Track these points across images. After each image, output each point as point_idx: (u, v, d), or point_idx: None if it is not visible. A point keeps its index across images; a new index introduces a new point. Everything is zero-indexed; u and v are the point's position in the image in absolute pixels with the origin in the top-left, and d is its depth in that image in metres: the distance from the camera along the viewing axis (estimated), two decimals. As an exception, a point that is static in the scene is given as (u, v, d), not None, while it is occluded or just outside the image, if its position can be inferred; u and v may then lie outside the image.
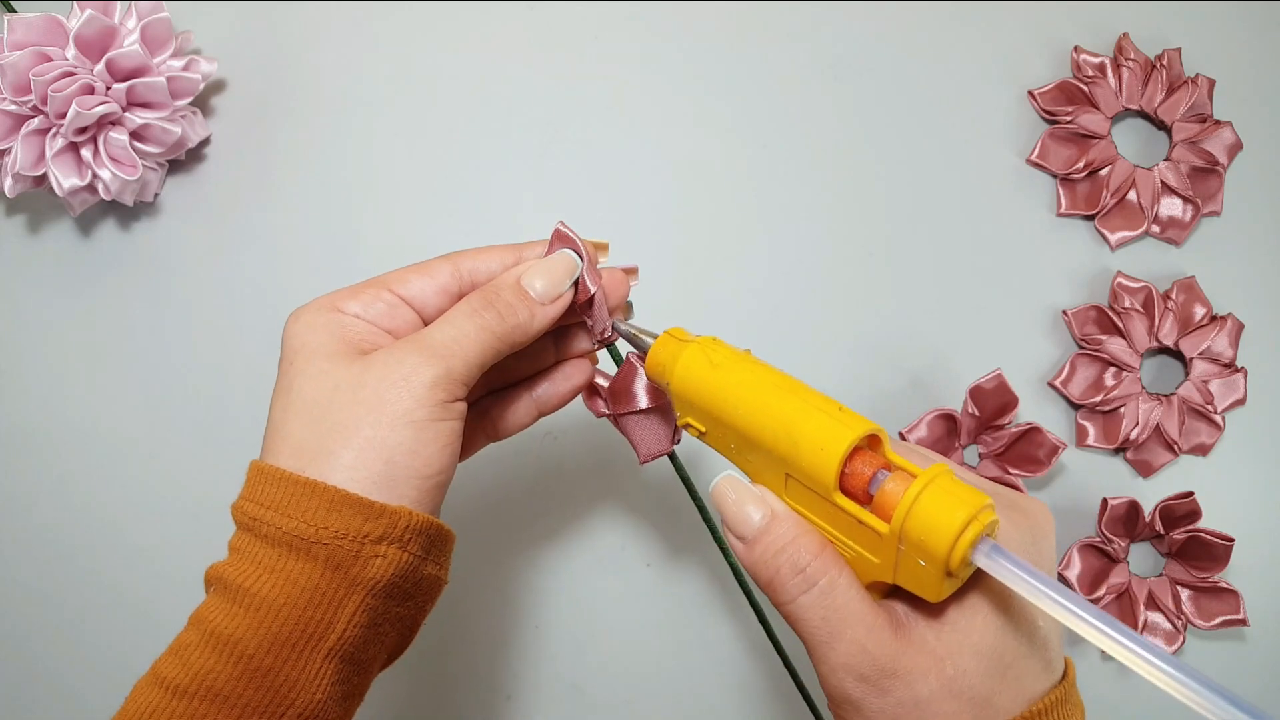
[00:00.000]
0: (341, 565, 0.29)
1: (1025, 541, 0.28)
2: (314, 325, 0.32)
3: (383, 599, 0.30)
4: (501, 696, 0.51)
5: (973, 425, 0.51)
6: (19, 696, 0.52)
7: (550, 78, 0.55)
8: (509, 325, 0.33)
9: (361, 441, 0.30)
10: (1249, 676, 0.52)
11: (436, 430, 0.31)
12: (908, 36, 0.56)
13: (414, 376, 0.31)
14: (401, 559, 0.30)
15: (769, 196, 0.55)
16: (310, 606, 0.29)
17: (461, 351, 0.32)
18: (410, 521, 0.30)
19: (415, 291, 0.34)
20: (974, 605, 0.28)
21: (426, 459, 0.31)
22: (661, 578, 0.52)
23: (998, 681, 0.27)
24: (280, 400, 0.32)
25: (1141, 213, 0.55)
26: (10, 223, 0.55)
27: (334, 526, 0.29)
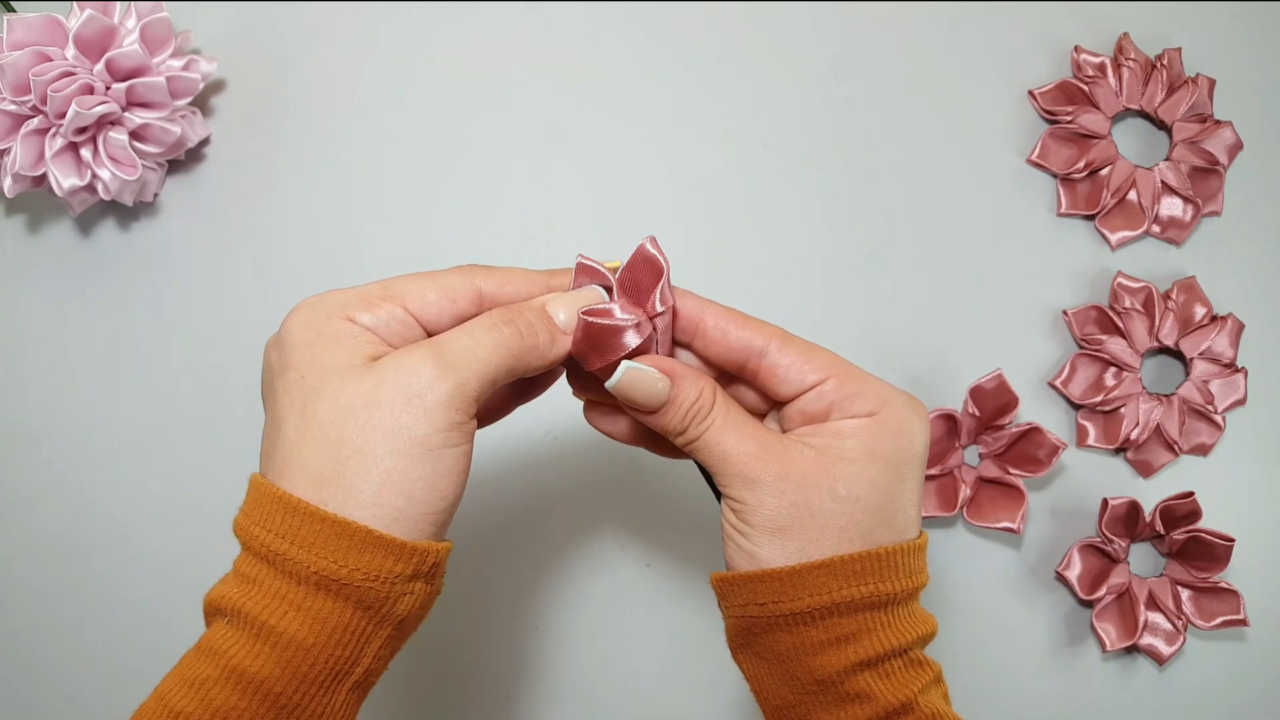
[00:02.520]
0: (373, 605, 0.29)
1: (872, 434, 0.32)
2: (327, 336, 0.31)
3: (404, 630, 0.31)
4: (501, 696, 0.51)
5: (973, 425, 0.51)
6: (19, 697, 0.52)
7: (550, 78, 0.55)
8: (527, 345, 0.32)
9: (382, 475, 0.29)
10: (1249, 676, 0.52)
11: (452, 458, 0.30)
12: (908, 36, 0.56)
13: (427, 394, 0.29)
14: (428, 592, 0.31)
15: (769, 196, 0.55)
16: (340, 645, 0.29)
17: (476, 364, 0.30)
18: (438, 556, 0.30)
19: (433, 315, 0.32)
20: (871, 450, 0.32)
21: (443, 492, 0.30)
22: (661, 578, 0.52)
23: (882, 517, 0.32)
24: (292, 418, 0.30)
25: (1142, 213, 0.55)
26: (10, 223, 0.55)
27: (366, 568, 0.29)
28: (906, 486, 0.32)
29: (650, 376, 0.33)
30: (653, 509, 0.52)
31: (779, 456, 0.32)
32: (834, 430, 0.32)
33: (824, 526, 0.31)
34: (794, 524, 0.31)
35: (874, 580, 0.31)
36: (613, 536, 0.52)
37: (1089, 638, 0.52)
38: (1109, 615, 0.51)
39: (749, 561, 0.32)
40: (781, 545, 0.31)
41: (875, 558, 0.31)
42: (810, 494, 0.31)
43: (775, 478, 0.32)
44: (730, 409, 0.33)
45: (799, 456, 0.32)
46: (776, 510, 0.31)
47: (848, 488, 0.31)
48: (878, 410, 0.32)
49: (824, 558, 0.31)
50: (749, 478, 0.32)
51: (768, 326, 0.34)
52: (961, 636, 0.52)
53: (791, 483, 0.31)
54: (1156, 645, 0.51)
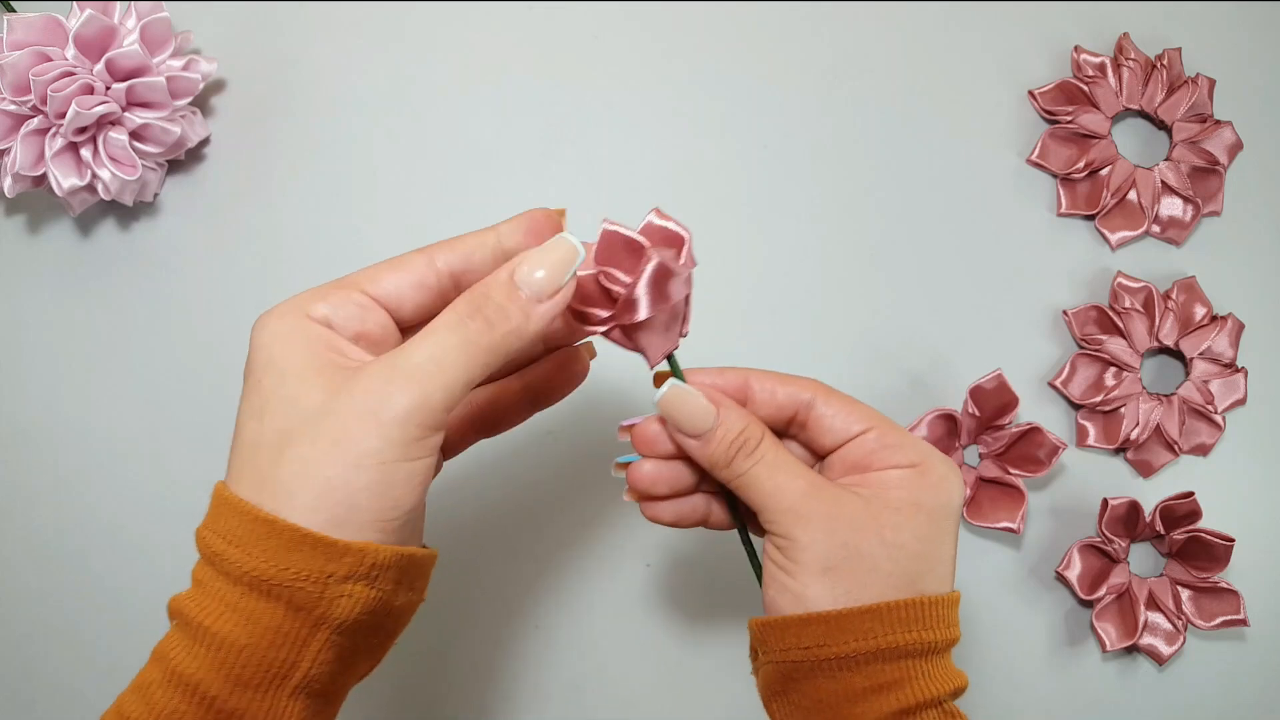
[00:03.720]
0: (305, 606, 0.28)
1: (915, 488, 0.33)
2: (281, 335, 0.30)
3: (350, 635, 0.29)
4: (501, 696, 0.51)
5: (973, 425, 0.51)
6: (19, 697, 0.52)
7: (550, 77, 0.55)
8: (499, 334, 0.29)
9: (321, 483, 0.28)
10: (1249, 677, 0.52)
11: (407, 470, 0.28)
12: (908, 36, 0.56)
13: (384, 411, 0.28)
14: (370, 596, 0.29)
15: (768, 196, 0.55)
16: (273, 647, 0.28)
17: (441, 374, 0.28)
18: (377, 558, 0.28)
19: (389, 289, 0.31)
20: (915, 500, 0.32)
21: (394, 500, 0.28)
22: (661, 578, 0.52)
23: (924, 565, 0.32)
24: (250, 423, 0.30)
25: (1142, 213, 0.55)
26: (10, 223, 0.55)
27: (295, 567, 0.28)
28: (946, 540, 0.33)
29: (697, 397, 0.33)
30: (653, 509, 0.52)
31: (829, 496, 0.32)
32: (879, 480, 0.33)
33: (871, 570, 0.31)
34: (843, 564, 0.31)
35: (918, 628, 0.31)
36: (613, 537, 0.52)
37: (1089, 638, 0.52)
38: (1109, 615, 0.51)
39: (794, 602, 0.32)
40: (830, 585, 0.31)
41: (920, 605, 0.31)
42: (859, 536, 0.31)
43: (826, 516, 0.32)
44: (779, 446, 0.33)
45: (848, 499, 0.32)
46: (827, 549, 0.31)
47: (894, 534, 0.32)
48: (918, 463, 0.33)
49: (871, 602, 0.31)
50: (800, 514, 0.32)
51: (809, 381, 0.35)
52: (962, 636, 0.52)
53: (842, 522, 0.32)
54: (1156, 645, 0.51)
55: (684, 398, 0.33)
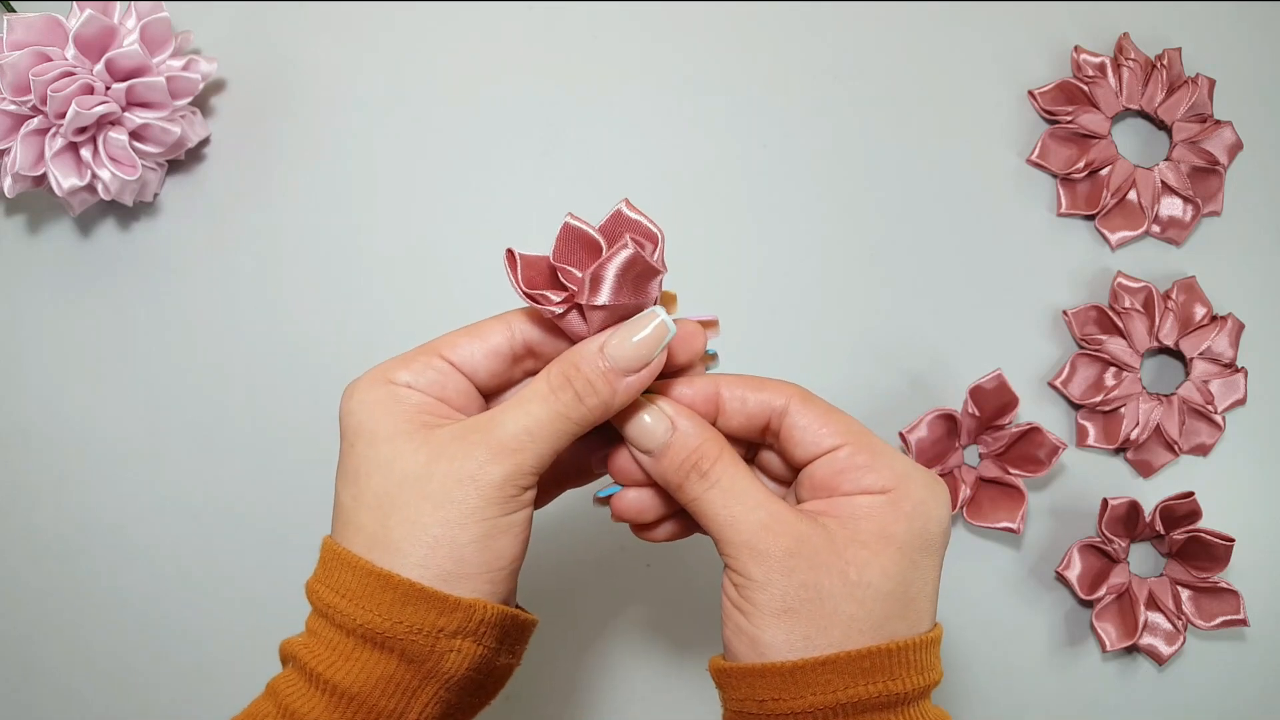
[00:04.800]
0: (416, 659, 0.29)
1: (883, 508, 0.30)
2: (369, 403, 0.31)
3: (457, 692, 0.30)
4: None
5: (973, 425, 0.51)
6: (19, 696, 0.52)
7: (549, 77, 0.55)
8: (587, 407, 0.30)
9: (431, 540, 0.29)
10: (1249, 677, 0.52)
11: (508, 523, 0.30)
12: (908, 37, 0.57)
13: (481, 475, 0.29)
14: (476, 652, 0.30)
15: (768, 197, 0.55)
16: (385, 696, 0.29)
17: (534, 444, 0.30)
18: (485, 615, 0.30)
19: (466, 356, 0.32)
20: (885, 533, 0.29)
21: (497, 553, 0.30)
22: (661, 578, 0.52)
23: (895, 606, 0.29)
24: (348, 488, 0.31)
25: (1142, 213, 0.55)
26: (10, 223, 0.55)
27: (408, 621, 0.29)
28: (921, 575, 0.30)
29: (649, 409, 0.31)
30: (653, 509, 0.52)
31: (790, 530, 0.29)
32: (848, 507, 0.30)
33: (833, 613, 0.29)
34: (802, 606, 0.29)
35: (884, 679, 0.29)
36: (613, 537, 0.52)
37: (1089, 638, 0.52)
38: (1109, 615, 0.51)
39: (750, 647, 0.29)
40: (787, 630, 0.29)
41: (886, 654, 0.29)
42: (820, 575, 0.29)
43: (785, 553, 0.29)
44: (739, 472, 0.31)
45: (811, 533, 0.29)
46: (784, 589, 0.29)
47: (859, 572, 0.29)
48: (892, 487, 0.30)
49: (831, 651, 0.28)
50: (757, 549, 0.29)
51: (786, 385, 0.32)
52: (961, 636, 0.52)
53: (803, 559, 0.29)
54: (1156, 645, 0.51)
55: (635, 409, 0.31)
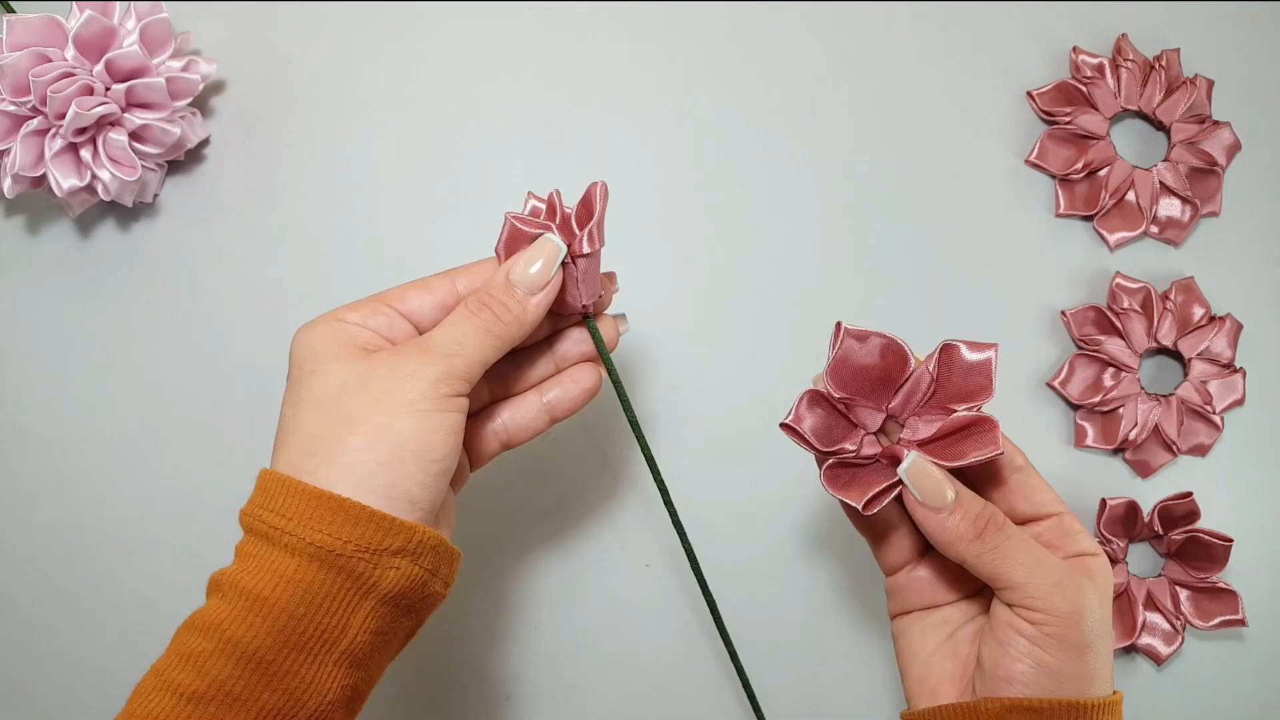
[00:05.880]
0: (359, 575, 0.31)
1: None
2: (316, 335, 0.35)
3: (391, 608, 0.32)
4: (501, 696, 0.51)
5: None
6: (19, 696, 0.52)
7: (549, 77, 0.55)
8: (504, 322, 0.35)
9: (370, 428, 0.32)
10: (1248, 677, 0.52)
11: (441, 420, 0.33)
12: (906, 38, 0.57)
13: (419, 373, 0.33)
14: (413, 572, 0.32)
15: (767, 197, 0.55)
16: (327, 614, 0.31)
17: (464, 351, 0.34)
18: (424, 538, 0.32)
19: (414, 307, 0.36)
20: (1106, 588, 0.34)
21: (431, 444, 0.33)
22: (661, 578, 0.52)
23: (1078, 657, 0.33)
24: (290, 401, 0.34)
25: (1140, 213, 0.55)
26: (9, 223, 0.55)
27: (357, 540, 0.31)
28: None
29: (940, 475, 0.35)
30: (652, 510, 0.52)
31: (1078, 574, 0.34)
32: (1084, 565, 0.34)
33: (1107, 651, 0.33)
34: (1097, 640, 0.33)
35: None
36: (613, 536, 0.52)
37: (1087, 638, 0.52)
38: (1107, 615, 0.51)
39: (1056, 680, 0.33)
40: (1085, 662, 0.33)
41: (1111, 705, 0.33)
42: (1099, 614, 0.33)
43: (1079, 590, 0.33)
44: (1017, 527, 0.35)
45: (1084, 579, 0.34)
46: (1089, 624, 0.33)
47: (1107, 614, 0.34)
48: (1097, 553, 0.35)
49: (1108, 686, 0.33)
50: (1067, 587, 0.33)
51: (1019, 450, 0.37)
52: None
53: (1095, 599, 0.33)
54: (1155, 645, 0.51)
55: (928, 469, 0.35)
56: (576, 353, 0.40)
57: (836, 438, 0.36)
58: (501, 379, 0.40)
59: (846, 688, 0.52)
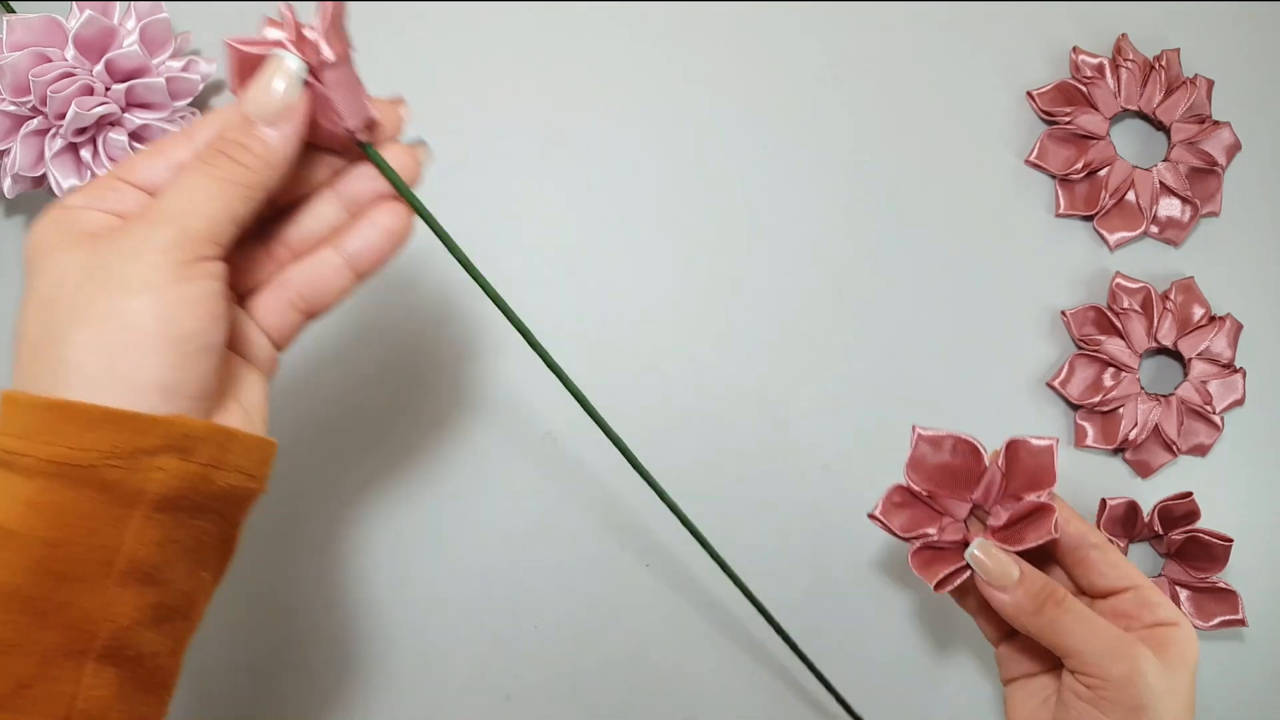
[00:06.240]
0: (116, 486, 0.27)
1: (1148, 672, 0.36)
2: (42, 228, 0.29)
3: (171, 514, 0.28)
4: (501, 696, 0.51)
5: None
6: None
7: (549, 79, 0.55)
8: (247, 166, 0.30)
9: (96, 317, 0.27)
10: (1248, 677, 0.52)
11: (183, 292, 0.28)
12: (906, 38, 0.57)
13: (145, 243, 0.28)
14: (186, 470, 0.28)
15: (767, 197, 0.55)
16: (88, 534, 0.27)
17: (197, 209, 0.29)
18: (189, 429, 0.28)
19: (146, 175, 0.31)
20: (1184, 657, 0.37)
21: (175, 321, 0.28)
22: (661, 578, 0.52)
23: (1189, 717, 0.36)
24: (20, 308, 0.29)
25: (1140, 213, 0.55)
26: (9, 223, 0.55)
27: (100, 446, 0.27)
28: (1194, 692, 0.37)
29: (1003, 558, 0.38)
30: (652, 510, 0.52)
31: (1133, 646, 0.36)
32: (1158, 637, 0.37)
33: (1160, 716, 0.36)
34: (1151, 703, 0.35)
35: None
36: (612, 537, 0.52)
37: (1087, 638, 0.52)
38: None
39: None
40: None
41: None
42: (1158, 681, 0.36)
43: (1135, 657, 0.36)
44: (1078, 601, 0.38)
45: (1143, 649, 0.36)
46: (1139, 688, 0.35)
47: (1175, 684, 0.36)
48: (1178, 622, 0.37)
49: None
50: (1121, 654, 0.36)
51: (1095, 529, 0.40)
52: (961, 636, 0.52)
53: (1150, 668, 0.36)
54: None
55: (992, 553, 0.39)
56: (369, 191, 0.34)
57: (919, 524, 0.41)
58: (282, 240, 0.34)
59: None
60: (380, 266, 0.34)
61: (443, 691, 0.51)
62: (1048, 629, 0.37)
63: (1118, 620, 0.38)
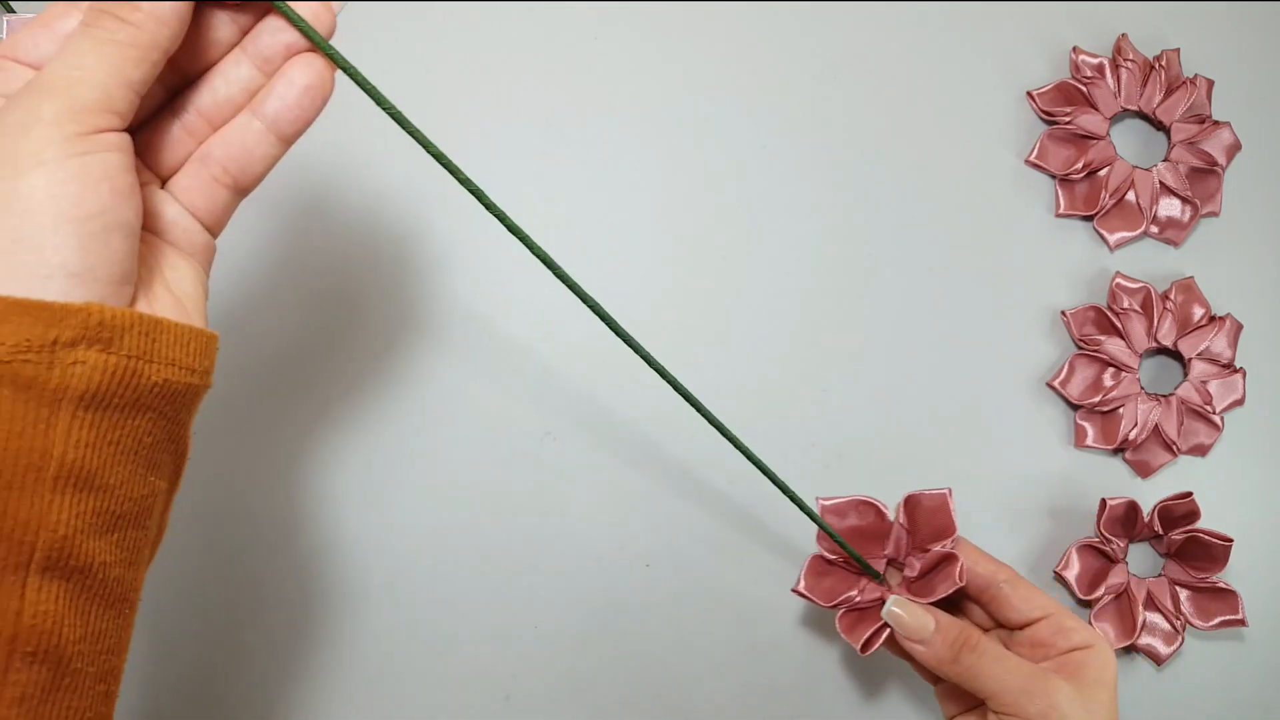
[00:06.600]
0: (34, 383, 0.25)
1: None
2: None
3: (101, 411, 0.26)
4: (501, 696, 0.51)
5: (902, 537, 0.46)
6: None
7: (548, 79, 0.55)
8: (136, 24, 0.27)
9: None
10: (1248, 677, 0.52)
11: (81, 165, 0.26)
12: (906, 37, 0.57)
13: (30, 119, 0.26)
14: (109, 363, 0.26)
15: (767, 197, 0.55)
16: (12, 437, 0.25)
17: (85, 76, 0.26)
18: (107, 317, 0.26)
19: (31, 50, 0.28)
20: (1099, 679, 0.39)
21: (76, 197, 0.25)
22: (660, 578, 0.52)
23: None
24: None
25: (1140, 213, 0.55)
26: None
27: (12, 340, 0.25)
28: (1116, 709, 0.40)
29: (918, 611, 0.41)
30: (652, 509, 0.52)
31: (1042, 677, 0.39)
32: (1071, 662, 0.40)
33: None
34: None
35: None
36: (612, 537, 0.52)
37: (1087, 638, 0.52)
38: (1107, 615, 0.51)
39: None
40: None
41: None
42: (1073, 712, 0.38)
43: (1047, 691, 0.38)
44: (994, 641, 0.40)
45: (1057, 681, 0.39)
46: (1060, 717, 0.38)
47: (1093, 708, 0.39)
48: (1092, 644, 0.40)
49: None
50: (1032, 693, 0.38)
51: (1004, 566, 0.42)
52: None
53: (1064, 698, 0.38)
54: (1155, 645, 0.51)
55: (908, 607, 0.41)
56: (280, 45, 0.31)
57: (840, 589, 0.43)
58: (196, 110, 0.31)
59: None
60: (303, 126, 0.32)
61: (443, 691, 0.51)
62: (966, 675, 0.40)
63: (1035, 649, 0.41)
